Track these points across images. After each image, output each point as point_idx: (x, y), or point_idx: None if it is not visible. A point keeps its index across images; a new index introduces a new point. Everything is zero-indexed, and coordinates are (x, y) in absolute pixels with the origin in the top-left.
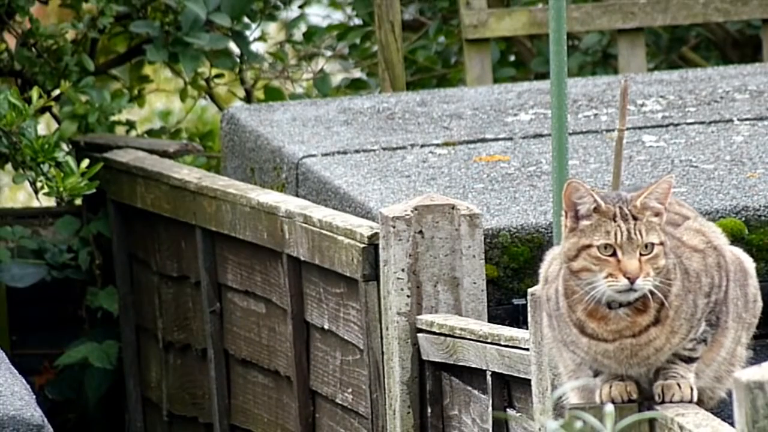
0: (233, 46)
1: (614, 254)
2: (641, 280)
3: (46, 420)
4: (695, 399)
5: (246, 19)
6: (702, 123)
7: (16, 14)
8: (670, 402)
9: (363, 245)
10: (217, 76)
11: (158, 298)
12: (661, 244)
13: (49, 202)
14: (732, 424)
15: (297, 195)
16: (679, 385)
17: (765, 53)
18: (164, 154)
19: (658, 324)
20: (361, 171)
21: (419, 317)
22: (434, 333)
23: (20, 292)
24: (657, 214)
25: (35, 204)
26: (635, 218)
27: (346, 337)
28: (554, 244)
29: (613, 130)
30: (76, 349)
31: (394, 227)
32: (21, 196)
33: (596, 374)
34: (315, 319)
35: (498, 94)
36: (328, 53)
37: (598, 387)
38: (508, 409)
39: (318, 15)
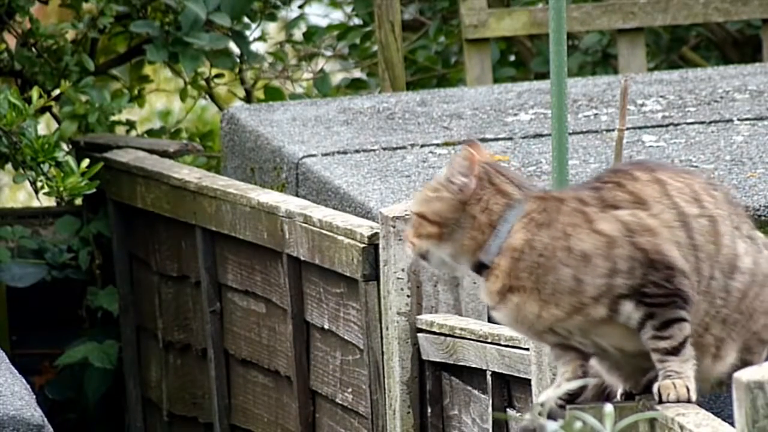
0: (233, 46)
1: None
2: (408, 248)
3: (46, 420)
4: (693, 398)
5: (246, 19)
6: (702, 123)
7: (16, 14)
8: (668, 402)
9: (363, 245)
10: (217, 76)
11: (158, 298)
12: (421, 215)
13: (49, 202)
14: (732, 424)
15: (297, 195)
16: (674, 384)
17: (765, 53)
18: (164, 154)
19: (517, 292)
20: (361, 171)
21: (419, 317)
22: (434, 333)
23: (20, 292)
24: (455, 184)
25: (35, 204)
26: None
27: (346, 337)
28: None
29: (613, 130)
30: (76, 349)
31: (394, 227)
32: (21, 196)
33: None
34: (315, 319)
35: (498, 94)
36: (328, 53)
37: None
38: (508, 409)
39: (318, 15)
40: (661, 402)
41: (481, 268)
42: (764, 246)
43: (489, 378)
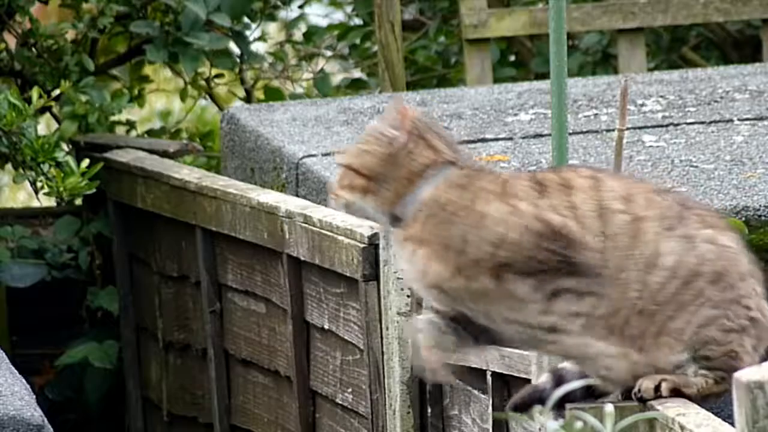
0: (233, 46)
1: None
2: (332, 199)
3: (46, 420)
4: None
5: (246, 19)
6: (702, 123)
7: (16, 14)
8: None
9: (363, 245)
10: (217, 76)
11: (158, 298)
12: (350, 167)
13: (49, 202)
14: (732, 424)
15: (297, 195)
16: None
17: (765, 53)
18: (164, 154)
19: (416, 245)
20: None
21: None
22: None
23: (20, 292)
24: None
25: (35, 204)
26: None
27: (346, 337)
28: None
29: (613, 130)
30: (76, 349)
31: None
32: (21, 196)
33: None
34: (315, 319)
35: (498, 94)
36: (328, 53)
37: None
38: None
39: (318, 15)
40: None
41: (396, 220)
42: (708, 241)
43: (489, 378)
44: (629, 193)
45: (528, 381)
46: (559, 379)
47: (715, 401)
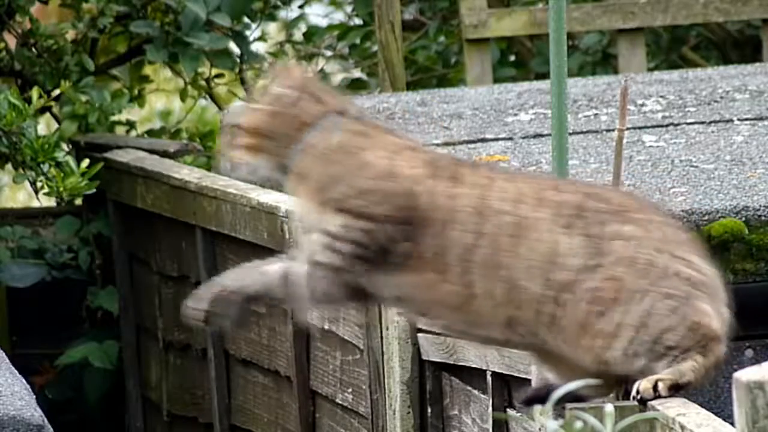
0: (233, 46)
1: None
2: (221, 160)
3: (46, 420)
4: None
5: (246, 19)
6: (702, 123)
7: (16, 14)
8: None
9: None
10: (217, 76)
11: (158, 298)
12: (239, 127)
13: (49, 202)
14: (732, 423)
15: None
16: None
17: (765, 53)
18: (164, 154)
19: (299, 184)
20: None
21: None
22: (434, 333)
23: (20, 292)
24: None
25: (35, 204)
26: None
27: (346, 337)
28: None
29: (613, 130)
30: (76, 349)
31: None
32: (21, 196)
33: None
34: (315, 320)
35: (498, 94)
36: (328, 53)
37: None
38: (508, 409)
39: (318, 15)
40: None
41: (285, 170)
42: (612, 238)
43: (489, 378)
44: (521, 193)
45: (528, 381)
46: None
47: (721, 373)
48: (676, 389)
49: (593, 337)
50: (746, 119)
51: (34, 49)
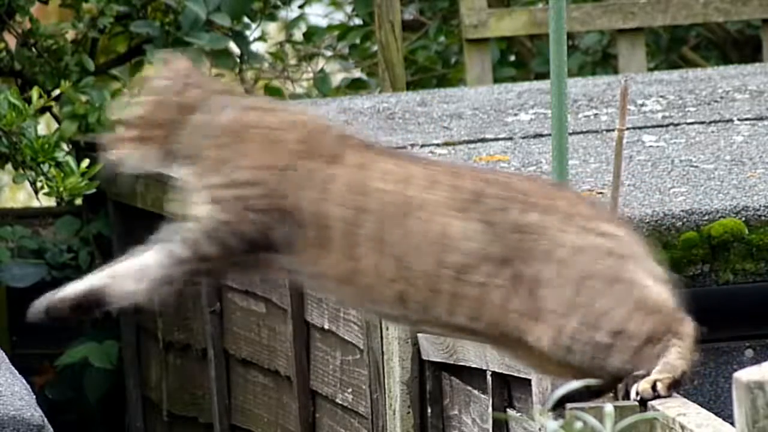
0: (233, 46)
1: None
2: (106, 157)
3: (46, 420)
4: None
5: (246, 19)
6: (702, 123)
7: (16, 14)
8: None
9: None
10: (217, 76)
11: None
12: (124, 122)
13: (49, 202)
14: (732, 423)
15: None
16: None
17: (765, 53)
18: None
19: (191, 163)
20: None
21: None
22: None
23: (20, 292)
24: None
25: (35, 204)
26: None
27: (346, 337)
28: None
29: (613, 130)
30: (76, 349)
31: None
32: (21, 196)
33: None
34: (315, 319)
35: (498, 94)
36: (328, 53)
37: None
38: (508, 409)
39: (318, 15)
40: None
41: (174, 158)
42: (515, 224)
43: (489, 378)
44: (410, 174)
45: (528, 381)
46: None
47: (721, 373)
48: (676, 386)
49: (517, 321)
50: (746, 119)
51: (34, 49)
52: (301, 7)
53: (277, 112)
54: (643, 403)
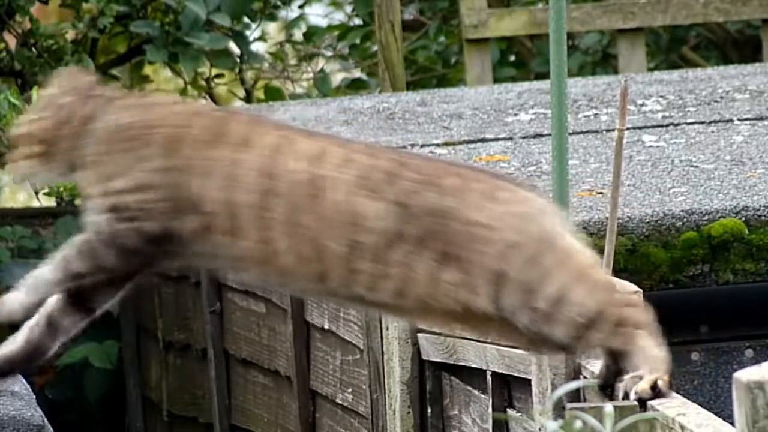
0: (233, 46)
1: None
2: (6, 173)
3: (46, 420)
4: None
5: (246, 19)
6: (702, 123)
7: (16, 14)
8: None
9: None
10: (217, 76)
11: (158, 298)
12: (21, 138)
13: (49, 202)
14: (732, 423)
15: None
16: None
17: (765, 53)
18: None
19: (87, 168)
20: None
21: None
22: (434, 333)
23: None
24: None
25: (35, 204)
26: None
27: (346, 337)
28: None
29: (613, 130)
30: (76, 349)
31: None
32: (21, 196)
33: None
34: (315, 319)
35: (498, 94)
36: (328, 53)
37: None
38: (508, 409)
39: (318, 15)
40: None
41: (75, 169)
42: (426, 206)
43: (489, 378)
44: (323, 154)
45: (528, 381)
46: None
47: (721, 373)
48: (670, 380)
49: (454, 294)
50: (746, 119)
51: (34, 49)
52: (301, 7)
53: (176, 107)
54: (642, 404)
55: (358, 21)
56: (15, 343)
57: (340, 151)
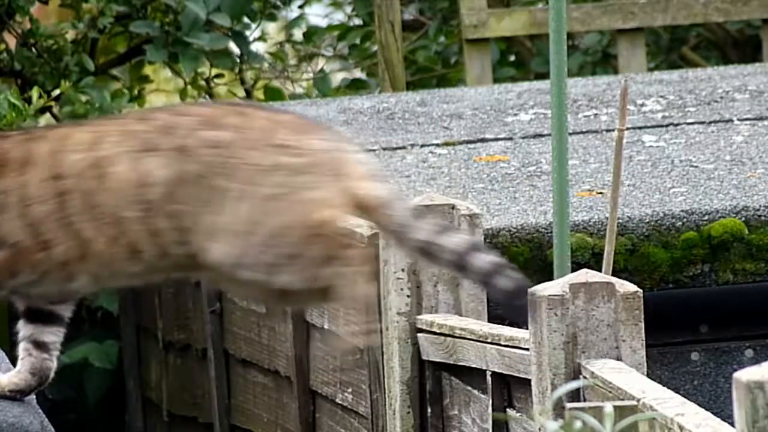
0: (233, 46)
1: None
2: None
3: (46, 424)
4: None
5: (246, 19)
6: (702, 123)
7: (16, 14)
8: None
9: (363, 245)
10: (217, 76)
11: (158, 298)
12: None
13: None
14: (732, 424)
15: None
16: None
17: (765, 53)
18: None
19: None
20: None
21: (419, 317)
22: (434, 333)
23: None
24: None
25: None
26: None
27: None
28: (554, 244)
29: (613, 130)
30: (76, 349)
31: None
32: None
33: None
34: (315, 319)
35: (498, 94)
36: (328, 53)
37: None
38: (508, 409)
39: (318, 15)
40: None
41: None
42: (200, 144)
43: (489, 378)
44: (100, 137)
45: (528, 381)
46: None
47: (721, 373)
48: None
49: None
50: (746, 119)
51: (34, 49)
52: (301, 7)
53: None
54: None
55: (358, 21)
56: (19, 375)
57: (115, 128)
